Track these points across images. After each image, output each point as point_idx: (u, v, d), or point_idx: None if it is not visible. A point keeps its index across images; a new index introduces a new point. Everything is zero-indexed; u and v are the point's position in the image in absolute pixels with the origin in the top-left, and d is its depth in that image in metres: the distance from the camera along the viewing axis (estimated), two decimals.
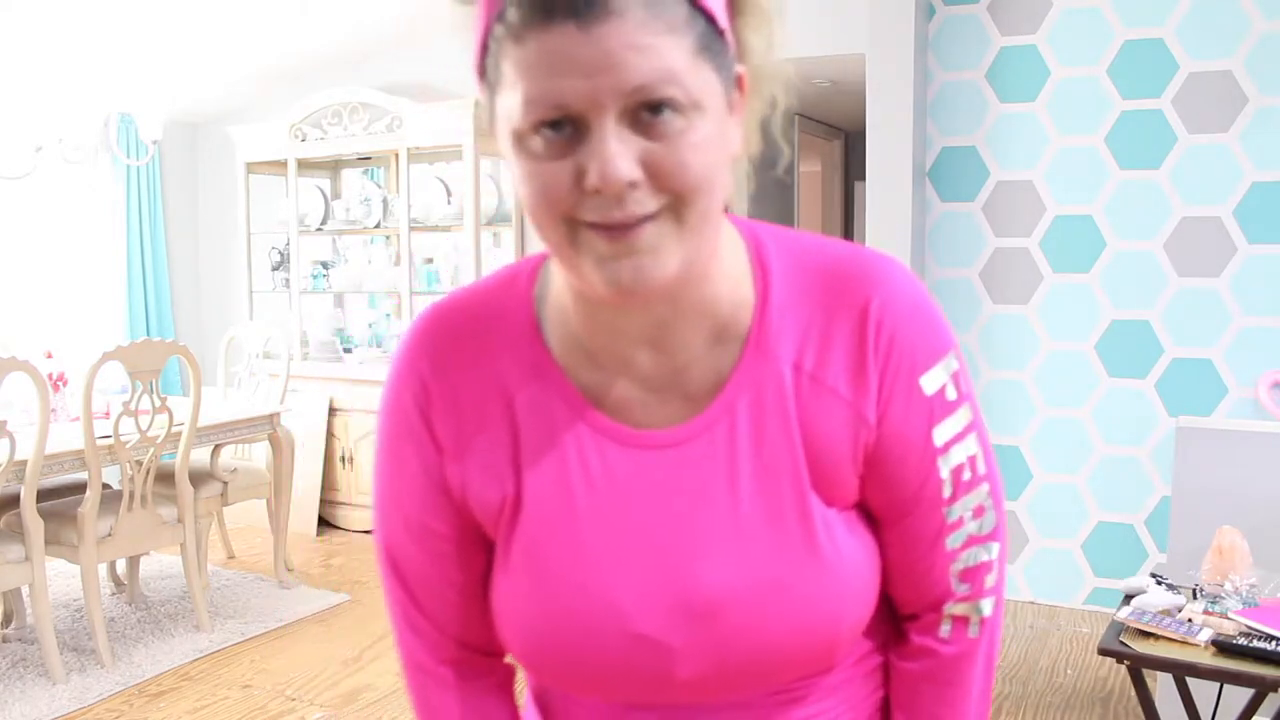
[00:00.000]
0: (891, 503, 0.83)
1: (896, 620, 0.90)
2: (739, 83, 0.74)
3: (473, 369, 0.82)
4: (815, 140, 7.14)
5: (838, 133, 7.45)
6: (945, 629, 0.86)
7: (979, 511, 0.84)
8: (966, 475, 0.83)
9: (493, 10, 0.68)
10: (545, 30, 0.65)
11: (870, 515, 0.85)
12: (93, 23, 4.37)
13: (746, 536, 0.79)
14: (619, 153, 0.66)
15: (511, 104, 0.68)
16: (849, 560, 0.81)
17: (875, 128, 3.88)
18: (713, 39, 0.69)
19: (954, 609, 0.86)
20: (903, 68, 3.81)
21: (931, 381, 0.80)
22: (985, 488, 0.84)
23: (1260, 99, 3.56)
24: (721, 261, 0.78)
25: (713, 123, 0.69)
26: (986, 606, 0.86)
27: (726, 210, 0.81)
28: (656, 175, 0.67)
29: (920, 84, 3.93)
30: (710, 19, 0.69)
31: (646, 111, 0.66)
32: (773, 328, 0.80)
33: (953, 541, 0.84)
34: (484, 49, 0.70)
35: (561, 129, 0.67)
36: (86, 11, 4.26)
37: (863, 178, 3.98)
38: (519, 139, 0.69)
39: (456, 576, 0.87)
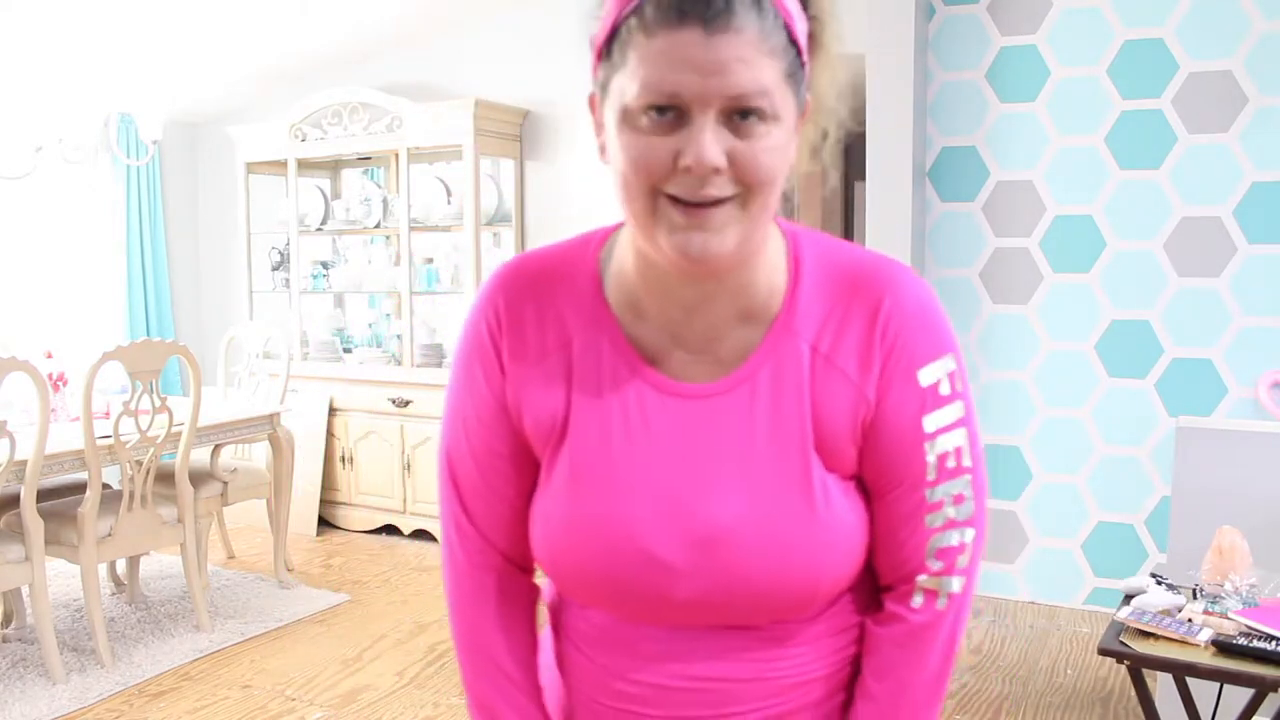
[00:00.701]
0: (881, 476, 0.94)
1: (877, 591, 1.01)
2: (805, 108, 0.87)
3: (540, 310, 0.96)
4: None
5: None
6: (917, 599, 0.96)
7: (959, 499, 0.95)
8: (951, 463, 0.94)
9: (629, 2, 0.81)
10: (676, 30, 0.78)
11: (865, 489, 0.96)
12: (93, 23, 4.37)
13: (752, 482, 0.91)
14: (713, 142, 0.79)
15: (628, 85, 0.81)
16: (839, 518, 0.92)
17: (875, 128, 3.88)
18: (797, 68, 0.83)
19: (926, 582, 0.96)
20: (903, 68, 3.81)
21: (927, 375, 0.92)
22: (968, 478, 0.95)
23: (1260, 99, 3.56)
24: (765, 254, 0.92)
25: (785, 135, 0.83)
26: (956, 584, 0.96)
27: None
28: (737, 167, 0.81)
29: (920, 84, 3.93)
30: (799, 52, 0.83)
31: (739, 115, 0.80)
32: (799, 313, 0.93)
33: (931, 521, 0.94)
34: (612, 33, 0.82)
35: (666, 113, 0.80)
36: (86, 11, 4.26)
37: (862, 177, 3.97)
38: (627, 115, 0.81)
39: (506, 491, 0.99)
